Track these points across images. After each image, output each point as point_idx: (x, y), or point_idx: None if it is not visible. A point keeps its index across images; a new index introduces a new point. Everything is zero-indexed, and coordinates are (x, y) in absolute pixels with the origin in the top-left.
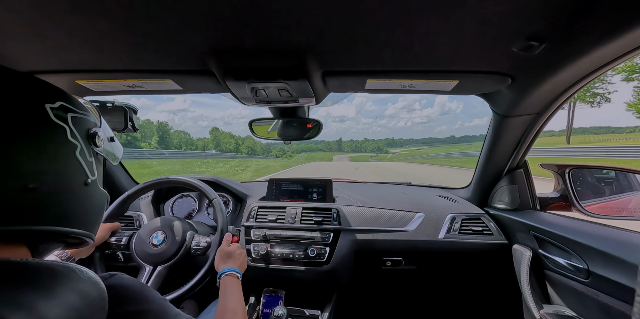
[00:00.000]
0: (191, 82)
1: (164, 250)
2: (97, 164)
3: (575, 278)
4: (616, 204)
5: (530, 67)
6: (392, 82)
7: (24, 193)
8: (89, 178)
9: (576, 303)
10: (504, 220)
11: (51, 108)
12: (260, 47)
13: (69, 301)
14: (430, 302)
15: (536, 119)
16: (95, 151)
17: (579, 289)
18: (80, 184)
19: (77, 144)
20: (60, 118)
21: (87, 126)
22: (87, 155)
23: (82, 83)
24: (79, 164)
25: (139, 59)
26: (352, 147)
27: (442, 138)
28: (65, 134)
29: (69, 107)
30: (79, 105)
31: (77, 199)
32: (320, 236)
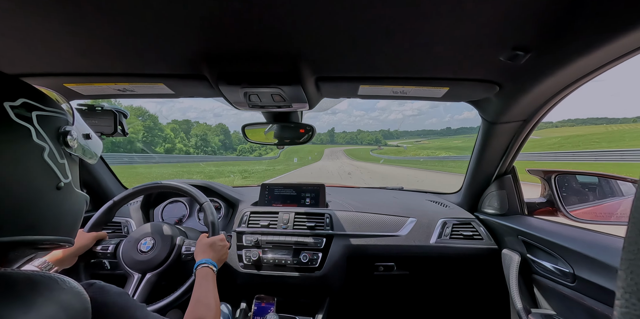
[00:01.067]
0: (183, 86)
1: (153, 257)
2: (72, 165)
3: (561, 282)
4: (600, 209)
5: (517, 76)
6: (384, 88)
7: None
8: (61, 182)
9: (563, 306)
10: (493, 225)
11: (11, 106)
12: (253, 52)
13: (49, 312)
14: (422, 307)
15: (523, 126)
16: (68, 152)
17: (565, 293)
18: (51, 189)
19: (44, 146)
20: (23, 118)
21: (57, 124)
22: (58, 157)
23: (70, 86)
24: (48, 167)
25: (129, 63)
26: (347, 138)
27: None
28: (30, 135)
29: (33, 104)
30: (47, 101)
31: (48, 205)
32: (313, 241)
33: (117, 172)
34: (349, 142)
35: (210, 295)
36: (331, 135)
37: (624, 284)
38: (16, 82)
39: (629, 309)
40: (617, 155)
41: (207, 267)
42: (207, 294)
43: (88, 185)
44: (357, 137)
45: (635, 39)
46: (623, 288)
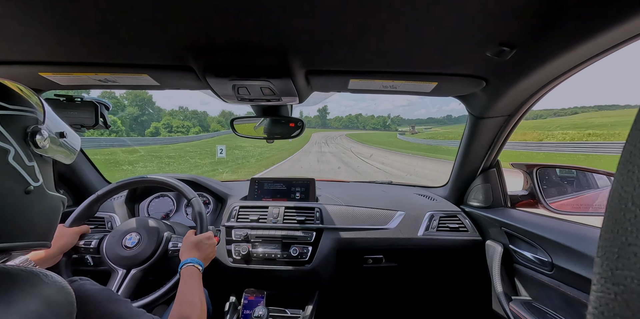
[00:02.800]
0: (169, 78)
1: (138, 252)
2: (43, 166)
3: (540, 270)
4: (577, 201)
5: (503, 71)
6: (374, 83)
7: None
8: (30, 186)
9: (541, 293)
10: (478, 217)
11: None
12: (242, 45)
13: (31, 308)
14: (410, 297)
15: (507, 121)
16: (38, 153)
17: (543, 281)
18: (19, 193)
19: (8, 148)
20: None
21: (24, 124)
22: (26, 159)
23: (46, 76)
24: (13, 171)
25: (111, 53)
26: (344, 122)
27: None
28: None
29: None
30: (12, 98)
31: (17, 210)
32: (302, 235)
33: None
34: (347, 127)
35: (195, 293)
36: (322, 117)
37: (600, 270)
38: None
39: (603, 294)
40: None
41: (193, 266)
42: (192, 292)
43: (68, 179)
44: (356, 120)
45: (613, 36)
46: (599, 274)
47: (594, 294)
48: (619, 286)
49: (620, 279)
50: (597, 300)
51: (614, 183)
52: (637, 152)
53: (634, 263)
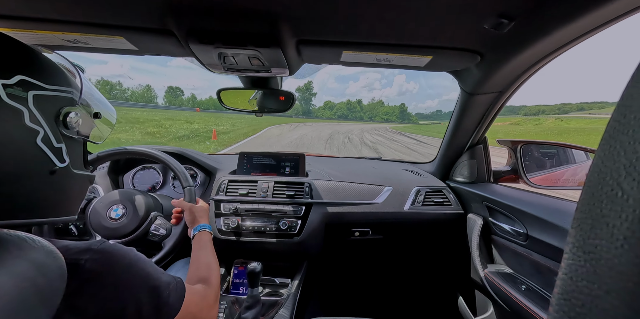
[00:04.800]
0: (148, 42)
1: (121, 226)
2: (71, 146)
3: (515, 241)
4: (555, 176)
5: (498, 45)
6: (367, 55)
7: None
8: (55, 166)
9: (514, 262)
10: (462, 192)
11: (4, 85)
12: (228, 8)
13: (20, 269)
14: (393, 267)
15: (498, 97)
16: (68, 134)
17: (518, 251)
18: (43, 174)
19: (38, 130)
20: (16, 99)
21: (59, 105)
22: (54, 141)
23: (4, 31)
24: (40, 152)
25: (80, 9)
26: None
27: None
28: (22, 118)
29: (32, 82)
30: (52, 77)
31: (40, 189)
32: (292, 209)
33: None
34: (344, 117)
35: (211, 256)
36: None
37: (574, 240)
38: (17, 52)
39: (574, 261)
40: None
41: (206, 231)
42: (209, 255)
43: None
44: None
45: (615, 8)
46: (572, 243)
47: (565, 262)
48: (589, 254)
49: (591, 247)
50: (567, 267)
51: (595, 158)
52: (620, 128)
53: (605, 233)
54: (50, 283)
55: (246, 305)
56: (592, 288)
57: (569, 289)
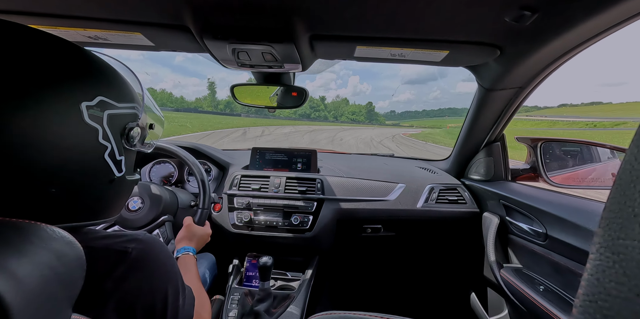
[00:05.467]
0: (164, 38)
1: (137, 218)
2: (129, 157)
3: (533, 241)
4: (578, 174)
5: (520, 39)
6: (382, 50)
7: (46, 197)
8: (115, 176)
9: (531, 262)
10: (477, 190)
11: (87, 107)
12: (243, 3)
13: (42, 259)
14: (405, 264)
15: (518, 93)
16: (127, 147)
17: (536, 251)
18: (104, 183)
19: (107, 146)
20: (95, 119)
21: (125, 122)
22: (117, 155)
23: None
24: (105, 165)
25: (101, 6)
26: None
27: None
28: (96, 136)
29: (108, 102)
30: (123, 96)
31: (99, 196)
32: (303, 205)
33: None
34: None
35: (197, 283)
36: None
37: (601, 240)
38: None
39: (601, 262)
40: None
41: (189, 254)
42: (195, 282)
43: None
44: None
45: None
46: (599, 243)
47: (591, 263)
48: (619, 255)
49: (621, 248)
50: (594, 268)
51: (626, 155)
52: None
53: (637, 233)
54: (70, 271)
55: (258, 298)
56: (621, 290)
57: (595, 290)
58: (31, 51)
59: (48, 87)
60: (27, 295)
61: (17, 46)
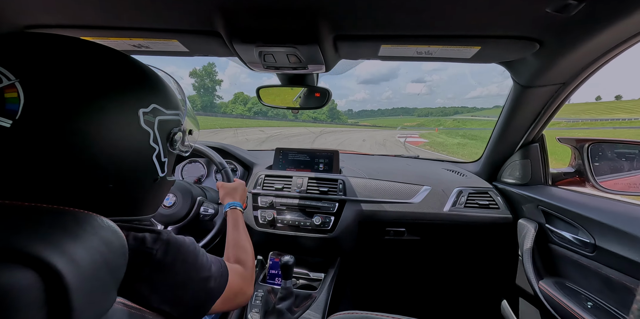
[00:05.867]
0: (197, 44)
1: (175, 212)
2: (170, 159)
3: (580, 251)
4: (635, 180)
5: (563, 31)
6: (407, 48)
7: (103, 192)
8: (158, 176)
9: (578, 275)
10: (512, 195)
11: (143, 113)
12: (270, 7)
13: (93, 244)
14: (430, 270)
15: (561, 90)
16: (171, 150)
17: (582, 263)
18: (150, 181)
19: (156, 148)
20: (148, 123)
21: (171, 127)
22: (162, 156)
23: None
24: (152, 165)
25: (144, 15)
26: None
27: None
28: (148, 139)
29: (159, 109)
30: (171, 104)
31: (144, 194)
32: (325, 205)
33: None
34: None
35: (245, 239)
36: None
37: None
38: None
39: None
40: None
41: (237, 209)
42: (243, 237)
43: None
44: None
45: None
46: None
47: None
48: None
49: None
50: None
51: None
52: None
53: None
54: (115, 258)
55: (280, 296)
56: None
57: None
58: (102, 65)
59: (113, 96)
60: (82, 276)
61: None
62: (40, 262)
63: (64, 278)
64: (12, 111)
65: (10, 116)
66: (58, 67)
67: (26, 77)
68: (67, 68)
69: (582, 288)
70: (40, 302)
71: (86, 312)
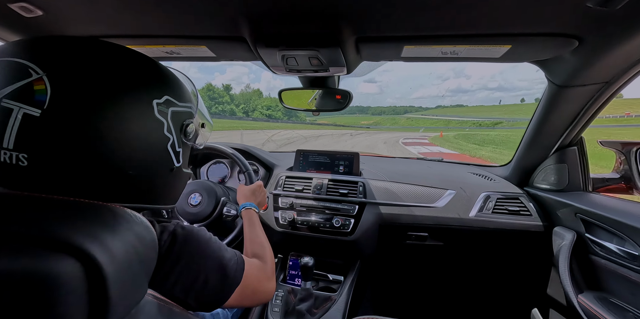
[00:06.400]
0: (224, 49)
1: (200, 211)
2: (185, 151)
3: (626, 265)
4: None
5: (605, 27)
6: (431, 49)
7: (124, 178)
8: (174, 166)
9: (625, 291)
10: (546, 201)
11: (157, 103)
12: (293, 11)
13: (128, 238)
14: (454, 276)
15: (604, 89)
16: (184, 141)
17: (630, 277)
18: (166, 171)
19: (170, 137)
20: (162, 114)
21: (183, 118)
22: (177, 146)
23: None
24: (168, 155)
25: (176, 24)
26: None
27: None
28: (162, 129)
29: (172, 101)
30: (183, 97)
31: (162, 183)
32: (345, 207)
33: None
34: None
35: (261, 235)
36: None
37: None
38: (166, 77)
39: None
40: None
41: (251, 209)
42: (259, 234)
43: None
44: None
45: None
46: None
47: None
48: None
49: None
50: None
51: None
52: None
53: None
54: (147, 251)
55: (300, 297)
56: None
57: None
58: (118, 60)
59: (129, 88)
60: (118, 267)
61: (106, 57)
62: (82, 252)
63: (103, 269)
64: (41, 102)
65: (39, 106)
66: (79, 62)
67: (52, 71)
68: (87, 63)
69: (629, 305)
70: (83, 289)
71: (121, 302)
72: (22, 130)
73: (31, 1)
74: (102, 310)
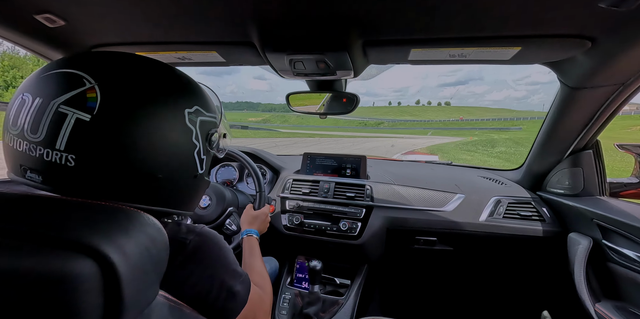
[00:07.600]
0: (233, 54)
1: (206, 214)
2: (208, 159)
3: None
4: None
5: (619, 27)
6: (439, 52)
7: (152, 181)
8: (198, 172)
9: None
10: (560, 206)
11: (188, 112)
12: (300, 16)
13: (141, 240)
14: (463, 282)
15: (620, 91)
16: (208, 149)
17: None
18: (190, 177)
19: (197, 145)
20: (192, 122)
21: (209, 127)
22: (202, 153)
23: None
24: (194, 161)
25: (187, 31)
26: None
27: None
28: (191, 136)
29: (201, 111)
30: (209, 107)
31: (185, 188)
32: (352, 211)
33: None
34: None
35: (261, 265)
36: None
37: None
38: (195, 89)
39: None
40: None
41: (252, 237)
42: (259, 263)
43: None
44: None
45: None
46: None
47: None
48: None
49: None
50: None
51: None
52: None
53: None
54: (159, 253)
55: (307, 301)
56: None
57: None
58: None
59: (165, 97)
60: (132, 268)
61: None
62: (98, 253)
63: (118, 270)
64: (92, 108)
65: (90, 112)
66: (124, 74)
67: (102, 81)
68: (131, 75)
69: None
70: (99, 288)
71: (134, 301)
72: (73, 133)
73: (54, 12)
74: (116, 309)
